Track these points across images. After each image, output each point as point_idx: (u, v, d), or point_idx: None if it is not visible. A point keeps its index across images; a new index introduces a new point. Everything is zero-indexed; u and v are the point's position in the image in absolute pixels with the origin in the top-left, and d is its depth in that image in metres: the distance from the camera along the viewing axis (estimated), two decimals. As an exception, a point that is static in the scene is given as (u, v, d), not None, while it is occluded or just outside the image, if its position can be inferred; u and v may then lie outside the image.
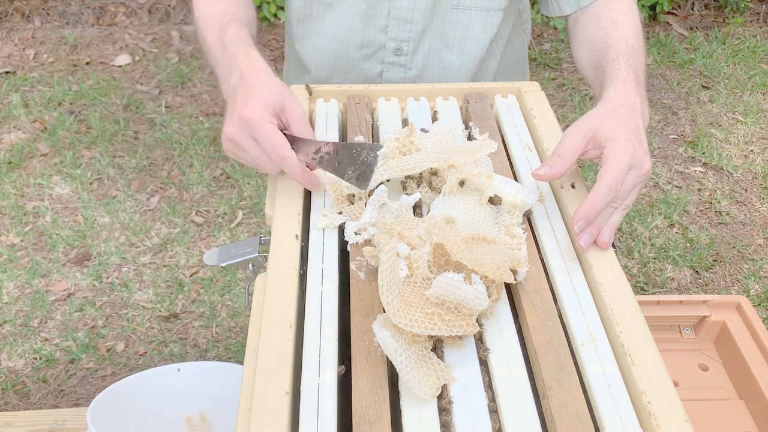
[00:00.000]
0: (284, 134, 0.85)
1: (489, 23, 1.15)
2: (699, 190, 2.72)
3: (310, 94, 1.08)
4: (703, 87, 3.28)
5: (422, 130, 0.97)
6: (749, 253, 2.46)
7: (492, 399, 0.67)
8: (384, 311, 0.69)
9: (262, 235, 0.99)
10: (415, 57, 1.15)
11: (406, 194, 0.86)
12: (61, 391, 1.99)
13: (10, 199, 2.55)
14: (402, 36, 1.13)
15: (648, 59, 3.44)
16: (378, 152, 0.87)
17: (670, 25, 3.69)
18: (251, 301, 0.80)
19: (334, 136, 1.00)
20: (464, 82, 1.15)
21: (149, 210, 2.55)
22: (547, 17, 3.59)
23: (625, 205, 0.84)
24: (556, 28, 3.65)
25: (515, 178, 0.94)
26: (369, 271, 0.79)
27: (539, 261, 0.82)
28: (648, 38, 3.61)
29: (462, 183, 0.86)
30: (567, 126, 0.87)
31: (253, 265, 0.97)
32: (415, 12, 1.11)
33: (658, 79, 3.33)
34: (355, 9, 1.11)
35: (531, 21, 1.31)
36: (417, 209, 0.87)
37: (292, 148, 0.84)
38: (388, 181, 0.87)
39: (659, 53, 3.48)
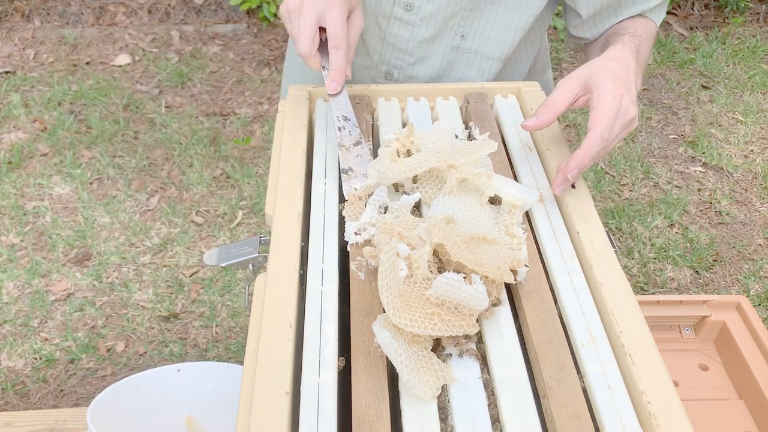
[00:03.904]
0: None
1: (487, 70, 1.14)
2: (699, 190, 2.72)
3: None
4: (703, 87, 3.28)
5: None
6: (749, 253, 2.46)
7: (492, 399, 0.67)
8: (384, 311, 0.69)
9: (262, 235, 0.99)
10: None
11: (406, 194, 0.86)
12: (61, 391, 1.99)
13: (10, 199, 2.55)
14: (395, 63, 1.14)
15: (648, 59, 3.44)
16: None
17: (670, 25, 3.69)
18: (251, 301, 0.80)
19: (334, 136, 0.99)
20: (464, 83, 1.15)
21: (149, 210, 2.55)
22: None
23: (606, 151, 0.86)
24: (556, 29, 3.65)
25: (515, 178, 0.94)
26: (369, 271, 0.79)
27: (539, 261, 0.82)
28: (648, 38, 3.60)
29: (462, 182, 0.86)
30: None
31: (253, 265, 0.97)
32: (410, 43, 1.10)
33: (658, 79, 3.33)
34: None
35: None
36: (417, 209, 0.87)
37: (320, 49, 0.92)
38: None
39: (659, 53, 3.48)
